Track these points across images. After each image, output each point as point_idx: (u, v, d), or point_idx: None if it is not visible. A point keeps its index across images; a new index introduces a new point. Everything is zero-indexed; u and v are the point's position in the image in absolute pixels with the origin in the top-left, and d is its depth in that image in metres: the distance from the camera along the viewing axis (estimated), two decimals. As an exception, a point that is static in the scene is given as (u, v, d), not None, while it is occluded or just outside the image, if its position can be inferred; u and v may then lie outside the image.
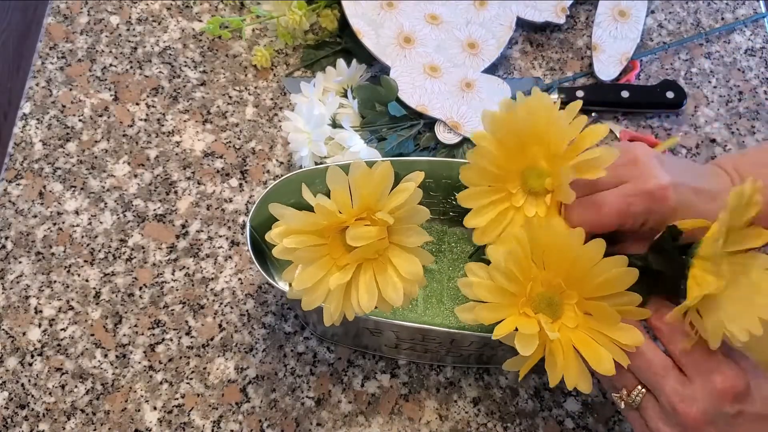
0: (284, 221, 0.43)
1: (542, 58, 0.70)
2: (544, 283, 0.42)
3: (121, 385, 0.56)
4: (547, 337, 0.41)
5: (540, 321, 0.41)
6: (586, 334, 0.42)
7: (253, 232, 0.50)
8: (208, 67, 0.69)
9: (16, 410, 0.55)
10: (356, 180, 0.41)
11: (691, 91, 0.69)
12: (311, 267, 0.43)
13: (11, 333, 0.58)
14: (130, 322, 0.58)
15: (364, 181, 0.41)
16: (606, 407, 0.56)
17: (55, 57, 0.69)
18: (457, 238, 0.58)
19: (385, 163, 0.41)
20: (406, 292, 0.43)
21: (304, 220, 0.42)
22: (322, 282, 0.43)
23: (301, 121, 0.60)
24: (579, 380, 0.41)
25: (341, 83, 0.63)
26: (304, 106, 0.60)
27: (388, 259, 0.43)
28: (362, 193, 0.41)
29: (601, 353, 0.41)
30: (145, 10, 0.72)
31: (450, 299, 0.55)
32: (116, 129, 0.66)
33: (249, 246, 0.50)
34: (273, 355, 0.58)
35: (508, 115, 0.42)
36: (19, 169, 0.64)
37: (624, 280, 0.40)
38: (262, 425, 0.55)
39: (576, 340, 0.42)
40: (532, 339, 0.41)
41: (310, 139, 0.59)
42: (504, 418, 0.56)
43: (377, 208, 0.42)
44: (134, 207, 0.63)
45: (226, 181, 0.64)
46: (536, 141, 0.43)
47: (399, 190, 0.42)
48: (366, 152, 0.59)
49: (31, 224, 0.62)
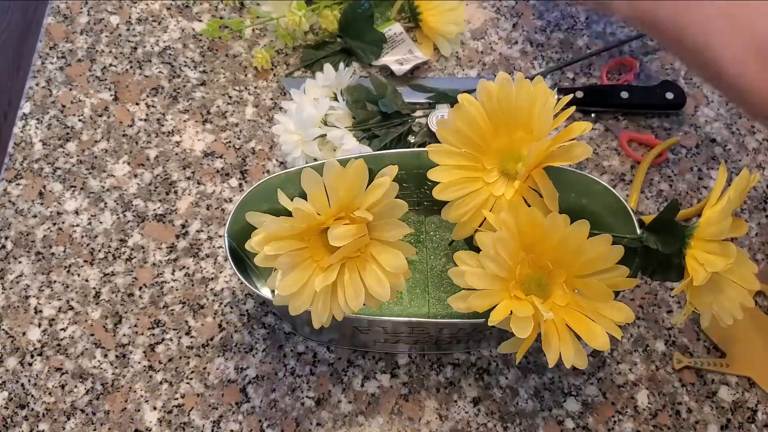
0: (263, 228, 0.43)
1: (542, 58, 0.70)
2: (532, 264, 0.43)
3: (120, 385, 0.56)
4: (540, 318, 0.41)
5: (533, 302, 0.41)
6: (578, 311, 0.43)
7: (231, 242, 0.50)
8: (208, 67, 0.69)
9: (16, 410, 0.55)
10: (331, 180, 0.41)
11: (691, 91, 0.69)
12: (294, 272, 0.43)
13: (11, 333, 0.58)
14: (129, 322, 0.58)
15: (339, 181, 0.41)
16: (606, 407, 0.57)
17: (55, 57, 0.69)
18: (435, 227, 0.59)
19: (359, 161, 0.41)
20: (393, 286, 0.43)
21: (283, 225, 0.42)
22: (307, 285, 0.43)
23: (291, 124, 0.60)
24: (575, 357, 0.42)
25: (330, 87, 0.63)
26: (293, 108, 0.60)
27: (371, 255, 0.43)
28: (339, 194, 0.41)
29: (595, 329, 0.42)
30: (145, 10, 0.72)
31: (434, 287, 0.56)
32: (116, 129, 0.66)
33: (229, 257, 0.50)
34: (273, 355, 0.58)
35: (502, 90, 0.43)
36: (19, 169, 0.64)
37: (610, 256, 0.41)
38: (262, 425, 0.55)
39: (568, 318, 0.42)
40: (527, 321, 0.41)
41: (301, 141, 0.60)
42: (504, 418, 0.56)
43: (355, 206, 0.42)
44: (134, 207, 0.63)
45: (226, 181, 0.64)
46: (522, 125, 0.43)
47: (375, 186, 0.42)
48: (358, 150, 0.59)
49: (31, 224, 0.62)
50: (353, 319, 0.48)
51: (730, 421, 0.56)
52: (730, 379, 0.57)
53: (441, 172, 0.44)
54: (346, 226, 0.42)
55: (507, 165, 0.44)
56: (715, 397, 0.57)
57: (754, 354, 0.58)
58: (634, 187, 0.64)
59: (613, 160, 0.66)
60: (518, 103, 0.43)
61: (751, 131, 0.68)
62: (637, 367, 0.58)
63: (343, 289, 0.43)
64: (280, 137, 0.60)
